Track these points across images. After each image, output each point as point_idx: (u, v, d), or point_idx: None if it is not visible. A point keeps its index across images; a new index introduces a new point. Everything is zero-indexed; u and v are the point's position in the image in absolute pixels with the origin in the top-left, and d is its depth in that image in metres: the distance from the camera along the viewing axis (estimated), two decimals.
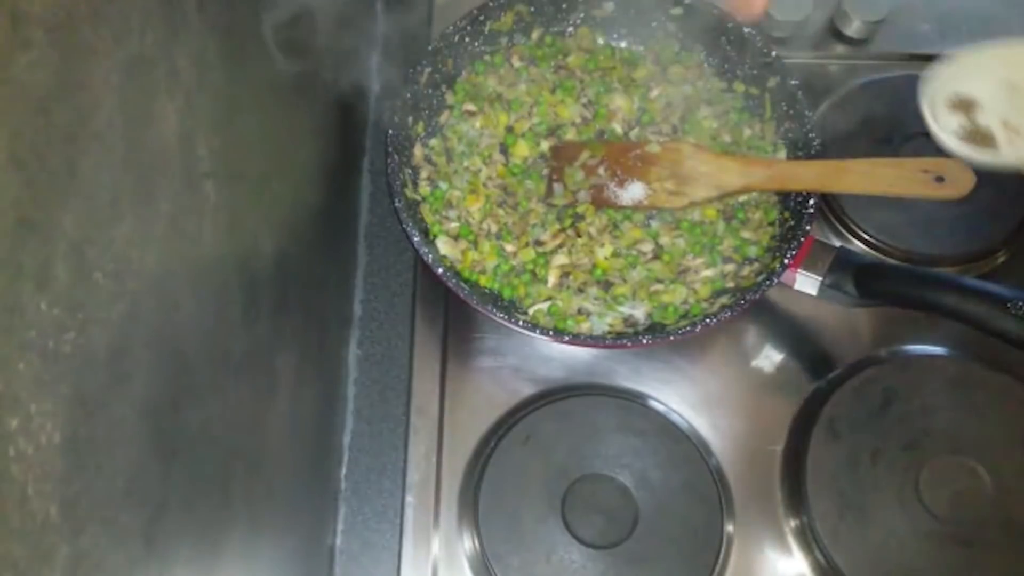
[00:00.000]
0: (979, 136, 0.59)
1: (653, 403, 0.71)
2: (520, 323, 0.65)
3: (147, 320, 0.34)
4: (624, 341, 0.67)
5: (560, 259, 0.71)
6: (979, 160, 0.58)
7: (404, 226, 0.68)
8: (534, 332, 0.65)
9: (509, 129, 0.77)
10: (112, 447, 0.31)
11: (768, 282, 0.66)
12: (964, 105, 0.60)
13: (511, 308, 0.70)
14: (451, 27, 0.76)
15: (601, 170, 0.74)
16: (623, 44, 0.82)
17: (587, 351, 0.73)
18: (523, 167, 0.76)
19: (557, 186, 0.74)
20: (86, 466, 0.29)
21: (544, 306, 0.70)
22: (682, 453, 0.68)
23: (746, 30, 0.76)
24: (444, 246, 0.72)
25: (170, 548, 0.36)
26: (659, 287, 0.71)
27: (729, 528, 0.67)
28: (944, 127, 0.59)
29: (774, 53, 0.75)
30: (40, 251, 0.26)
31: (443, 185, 0.74)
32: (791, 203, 0.72)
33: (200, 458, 0.40)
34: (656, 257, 0.72)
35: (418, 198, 0.73)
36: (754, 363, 0.74)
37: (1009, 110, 0.60)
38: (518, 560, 0.64)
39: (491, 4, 0.77)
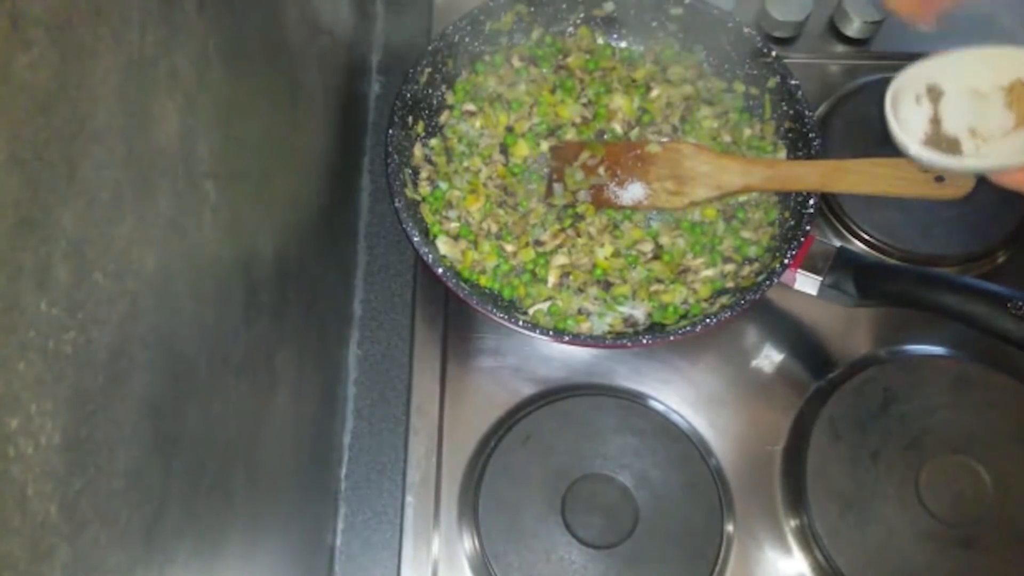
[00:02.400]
0: (944, 143, 0.57)
1: (653, 403, 0.71)
2: (520, 323, 0.65)
3: (147, 320, 0.34)
4: (624, 341, 0.67)
5: (560, 259, 0.71)
6: (942, 164, 0.56)
7: (404, 226, 0.68)
8: (534, 332, 0.65)
9: (509, 129, 0.77)
10: (112, 447, 0.31)
11: (768, 282, 0.66)
12: (933, 95, 0.58)
13: (511, 308, 0.70)
14: (451, 27, 0.76)
15: (601, 170, 0.74)
16: (623, 44, 0.82)
17: (587, 351, 0.73)
18: (523, 167, 0.76)
19: (557, 186, 0.74)
20: (86, 466, 0.29)
21: (544, 306, 0.70)
22: (682, 453, 0.68)
23: (746, 30, 0.76)
24: (444, 246, 0.72)
25: (170, 548, 0.36)
26: (659, 287, 0.71)
27: (729, 528, 0.67)
28: (907, 130, 0.56)
29: (774, 53, 0.75)
30: (40, 251, 0.26)
31: (443, 185, 0.74)
32: (791, 203, 0.72)
33: (200, 458, 0.40)
34: (656, 257, 0.72)
35: (418, 198, 0.73)
36: (754, 363, 0.74)
37: (976, 117, 0.58)
38: (518, 560, 0.64)
39: (491, 4, 0.77)
